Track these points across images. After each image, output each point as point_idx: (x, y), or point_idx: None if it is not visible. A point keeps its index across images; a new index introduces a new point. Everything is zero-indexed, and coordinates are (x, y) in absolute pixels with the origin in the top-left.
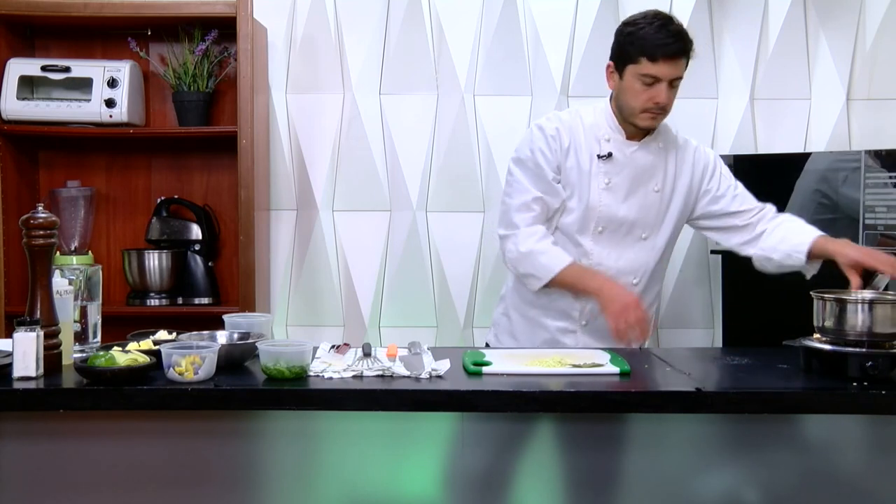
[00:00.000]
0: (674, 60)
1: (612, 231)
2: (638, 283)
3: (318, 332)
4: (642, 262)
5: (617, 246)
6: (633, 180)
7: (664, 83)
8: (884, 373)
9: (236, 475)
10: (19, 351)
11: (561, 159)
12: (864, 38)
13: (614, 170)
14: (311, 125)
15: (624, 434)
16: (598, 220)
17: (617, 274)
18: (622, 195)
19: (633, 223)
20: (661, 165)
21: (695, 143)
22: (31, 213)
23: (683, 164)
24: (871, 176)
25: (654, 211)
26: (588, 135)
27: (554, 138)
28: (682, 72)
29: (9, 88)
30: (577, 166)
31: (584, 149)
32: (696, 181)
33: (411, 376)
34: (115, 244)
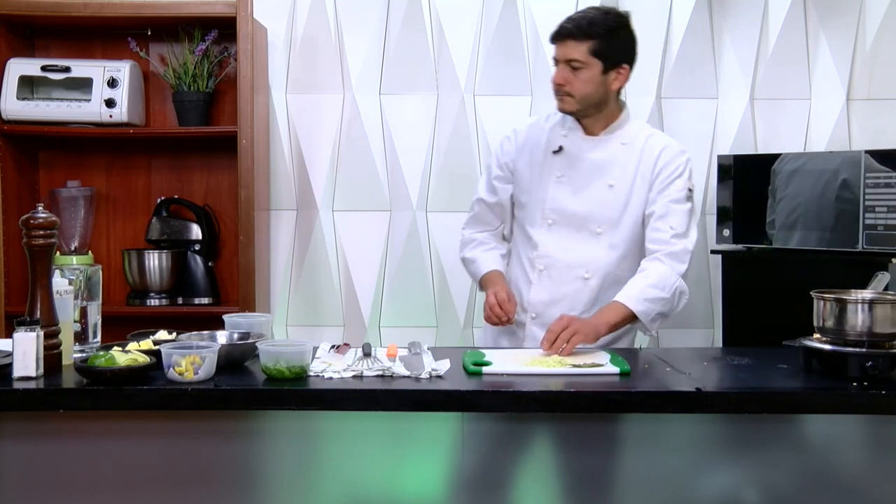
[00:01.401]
0: (560, 42)
1: (563, 224)
2: (590, 277)
3: (318, 332)
4: (594, 258)
5: (568, 239)
6: (586, 174)
7: (561, 64)
8: (884, 373)
9: (236, 475)
10: (19, 351)
11: (514, 157)
12: (864, 38)
13: (567, 164)
14: (311, 125)
15: (624, 434)
16: (549, 212)
17: (565, 266)
18: (574, 189)
19: (585, 217)
20: (619, 161)
21: (671, 146)
22: (31, 213)
23: (646, 161)
24: (871, 176)
25: (609, 207)
26: (550, 132)
27: (509, 139)
28: (575, 54)
29: (9, 88)
30: (531, 162)
31: (540, 145)
32: (652, 181)
33: (411, 376)
34: (115, 244)
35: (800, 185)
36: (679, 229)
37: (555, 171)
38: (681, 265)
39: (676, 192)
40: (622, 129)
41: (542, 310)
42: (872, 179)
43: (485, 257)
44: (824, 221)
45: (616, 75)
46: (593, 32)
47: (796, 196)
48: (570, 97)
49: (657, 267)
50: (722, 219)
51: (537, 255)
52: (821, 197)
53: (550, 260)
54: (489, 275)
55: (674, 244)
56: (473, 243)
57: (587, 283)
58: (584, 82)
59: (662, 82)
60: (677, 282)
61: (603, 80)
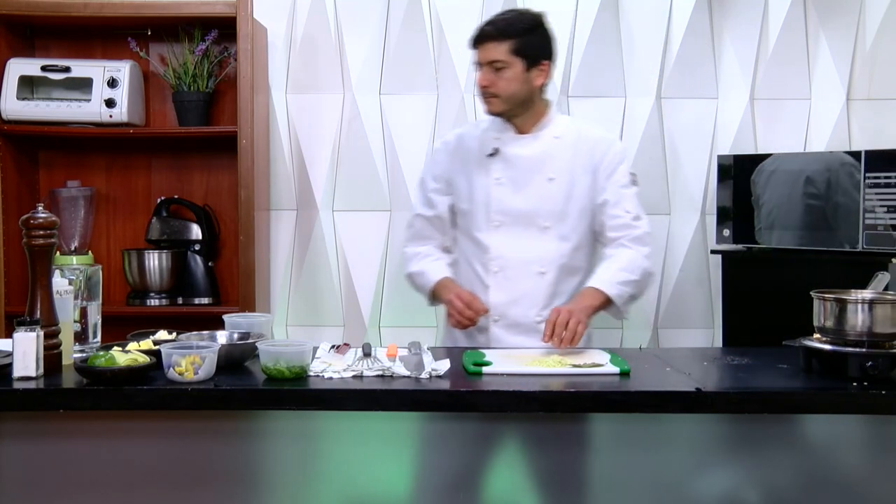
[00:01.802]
0: (481, 45)
1: (509, 224)
2: (545, 271)
3: (318, 332)
4: (547, 252)
5: (517, 237)
6: (524, 172)
7: (483, 67)
8: (884, 373)
9: (236, 475)
10: (19, 351)
11: (448, 167)
12: (864, 38)
13: (503, 165)
14: (311, 125)
15: (624, 434)
16: (494, 215)
17: (520, 264)
18: (514, 188)
19: (530, 214)
20: (555, 155)
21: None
22: (31, 213)
23: (582, 151)
24: (871, 176)
25: (552, 200)
26: (481, 138)
27: (438, 150)
28: (496, 55)
29: (9, 88)
30: (467, 169)
31: (474, 151)
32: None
33: (411, 376)
34: (115, 244)
35: (775, 187)
36: (635, 212)
37: (493, 174)
38: (645, 248)
39: (623, 178)
40: (552, 125)
41: (503, 311)
42: (872, 179)
43: (432, 267)
44: (795, 220)
45: (538, 72)
46: (512, 32)
47: (772, 198)
48: (497, 98)
49: (624, 252)
50: (722, 219)
51: (490, 258)
52: (790, 197)
53: (504, 260)
54: (442, 282)
55: (635, 228)
56: (418, 257)
57: (543, 277)
58: (509, 81)
59: (662, 82)
60: (644, 263)
61: (526, 78)
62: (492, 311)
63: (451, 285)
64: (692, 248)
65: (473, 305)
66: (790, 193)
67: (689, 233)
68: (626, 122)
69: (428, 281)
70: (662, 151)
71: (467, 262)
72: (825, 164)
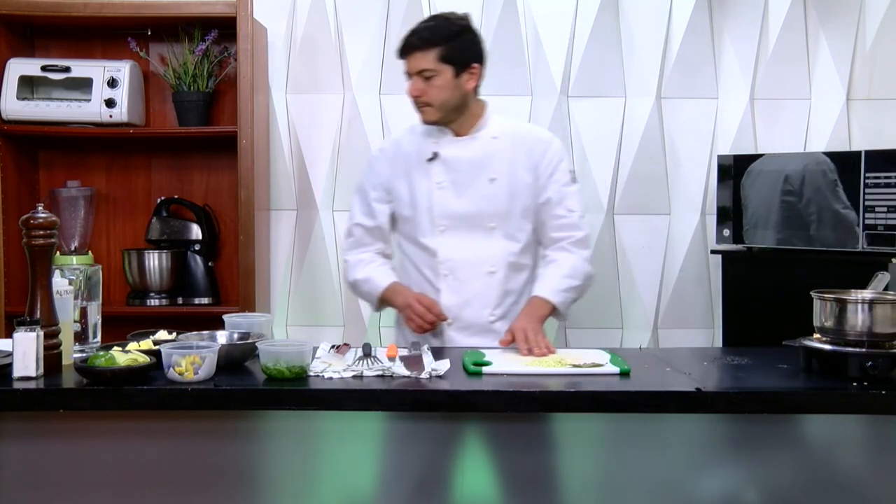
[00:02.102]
0: (408, 56)
1: (454, 227)
2: (495, 271)
3: (318, 332)
4: (494, 251)
5: (464, 240)
6: (465, 174)
7: (413, 77)
8: (884, 373)
9: (236, 475)
10: (19, 351)
11: (388, 176)
12: (864, 38)
13: (444, 169)
14: (311, 125)
15: (624, 434)
16: (439, 219)
17: (469, 265)
18: (457, 191)
19: (474, 216)
20: (494, 155)
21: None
22: (31, 213)
23: (521, 150)
24: (871, 176)
25: (495, 200)
26: (419, 143)
27: (379, 159)
28: (424, 64)
29: (9, 88)
30: (408, 175)
31: (413, 157)
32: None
33: (411, 376)
34: (115, 244)
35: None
36: (577, 209)
37: (434, 179)
38: (586, 251)
39: (563, 176)
40: (489, 126)
41: (456, 313)
42: (872, 179)
43: (378, 273)
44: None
45: (469, 76)
46: (437, 40)
47: (755, 198)
48: (430, 107)
49: (566, 257)
50: (722, 219)
51: (438, 262)
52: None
53: (453, 263)
54: (392, 287)
55: (578, 230)
56: (361, 264)
57: (493, 276)
58: (440, 89)
59: (662, 82)
60: (586, 268)
61: (457, 84)
62: (445, 315)
63: (402, 290)
64: (692, 248)
65: (434, 310)
66: (770, 193)
67: (689, 233)
68: (626, 122)
69: (375, 287)
70: (662, 151)
71: (415, 267)
72: (802, 163)
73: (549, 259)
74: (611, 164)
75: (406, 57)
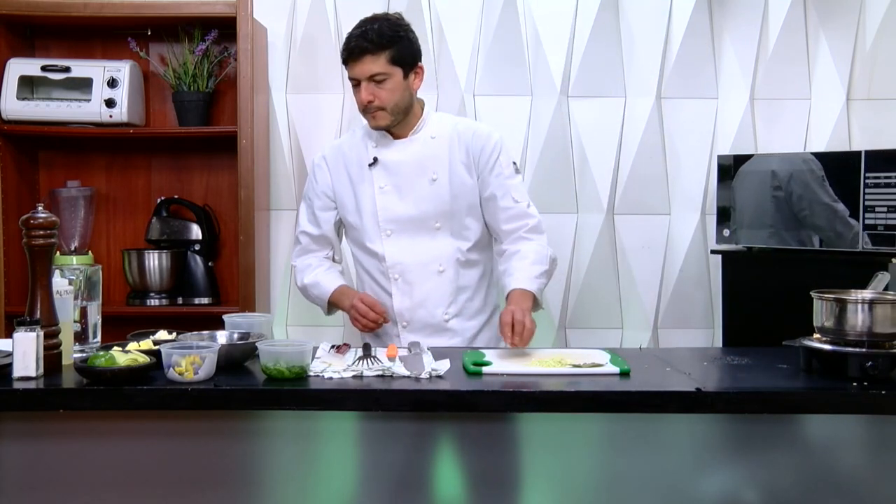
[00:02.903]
0: (356, 61)
1: (400, 231)
2: (444, 269)
3: (318, 332)
4: (442, 250)
5: (411, 241)
6: (406, 177)
7: (363, 82)
8: (884, 373)
9: (236, 475)
10: (19, 351)
11: (330, 183)
12: (864, 38)
13: (385, 173)
14: (311, 125)
15: (624, 434)
16: (384, 223)
17: (418, 266)
18: (399, 195)
19: (419, 218)
20: (434, 154)
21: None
22: (31, 213)
23: (460, 147)
24: (871, 176)
25: (438, 200)
26: (359, 147)
27: (319, 166)
28: (376, 68)
29: (9, 88)
30: (349, 181)
31: (354, 163)
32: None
33: (411, 376)
34: (115, 244)
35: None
36: (524, 200)
37: (377, 183)
38: (543, 235)
39: (505, 169)
40: (427, 125)
41: (410, 316)
42: (872, 179)
43: (326, 277)
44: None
45: (415, 76)
46: (387, 42)
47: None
48: (383, 111)
49: (527, 245)
50: (722, 219)
51: (387, 266)
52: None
53: (402, 266)
54: (340, 290)
55: (530, 217)
56: (308, 269)
57: (443, 275)
58: (391, 92)
59: (662, 82)
60: (548, 251)
61: (406, 85)
62: (399, 317)
63: (348, 291)
64: (692, 248)
65: (376, 308)
66: (760, 192)
67: (689, 233)
68: (626, 122)
69: (324, 291)
70: (662, 151)
71: (366, 272)
72: (790, 162)
73: (510, 252)
74: (611, 164)
75: (356, 61)
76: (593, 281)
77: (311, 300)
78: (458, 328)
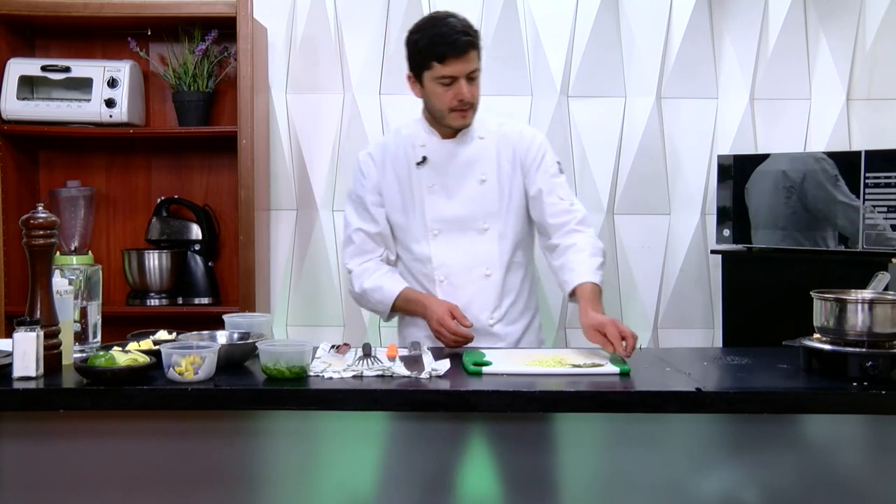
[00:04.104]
0: (462, 57)
1: (447, 231)
2: (491, 273)
3: (318, 332)
4: (489, 253)
5: (457, 243)
6: (456, 177)
7: (462, 80)
8: (884, 373)
9: (236, 475)
10: (19, 351)
11: (378, 179)
12: (864, 38)
13: (433, 172)
14: (311, 125)
15: (624, 434)
16: (431, 223)
17: (464, 270)
18: (448, 194)
19: (467, 219)
20: (482, 155)
21: (525, 130)
22: (31, 213)
23: (506, 148)
24: (871, 176)
25: (487, 201)
26: (406, 146)
27: (365, 163)
28: (475, 65)
29: (9, 88)
30: (397, 180)
31: (402, 161)
32: (522, 164)
33: (411, 376)
34: (115, 244)
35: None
36: (569, 197)
37: (424, 183)
38: (591, 227)
39: (551, 168)
40: (475, 126)
41: None
42: (872, 179)
43: (389, 280)
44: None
45: None
46: (477, 37)
47: (758, 198)
48: (472, 109)
49: (579, 237)
50: (722, 219)
51: (434, 268)
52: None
53: (448, 268)
54: (404, 293)
55: (577, 212)
56: (368, 272)
57: (490, 279)
58: (478, 89)
59: (662, 82)
60: (599, 242)
61: None
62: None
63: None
64: (692, 248)
65: (459, 333)
66: (773, 192)
67: (689, 233)
68: (626, 122)
69: (388, 294)
70: (662, 151)
71: (409, 272)
72: (802, 163)
73: (565, 245)
74: (611, 164)
75: (460, 57)
76: None
77: (370, 306)
78: (502, 333)
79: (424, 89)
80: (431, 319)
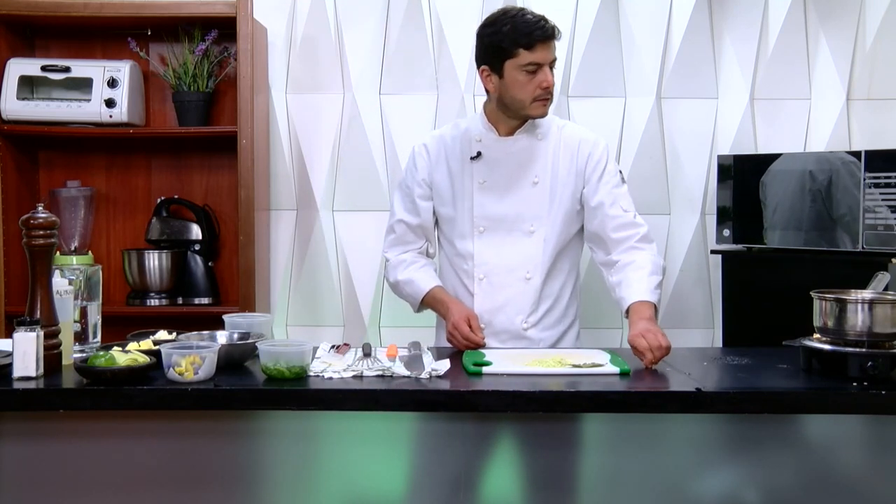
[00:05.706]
0: (548, 43)
1: (494, 229)
2: (531, 276)
3: (318, 332)
4: (532, 256)
5: (502, 243)
6: (509, 176)
7: (546, 67)
8: (884, 373)
9: (236, 475)
10: (19, 351)
11: (430, 171)
12: (864, 38)
13: (487, 168)
14: (311, 125)
15: (624, 434)
16: (479, 220)
17: (505, 270)
18: (499, 192)
19: (515, 219)
20: (538, 156)
21: (586, 136)
22: (31, 213)
23: (565, 153)
24: (871, 176)
25: (537, 204)
26: (462, 140)
27: (420, 154)
28: (556, 51)
29: (9, 88)
30: (449, 173)
31: (457, 155)
32: (581, 172)
33: (411, 376)
34: (115, 244)
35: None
36: (631, 209)
37: (476, 178)
38: (653, 244)
39: (612, 178)
40: (534, 126)
41: (489, 318)
42: (872, 179)
43: (421, 276)
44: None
45: None
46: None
47: (776, 197)
48: (551, 99)
49: (641, 256)
50: (722, 219)
51: (474, 265)
52: (794, 196)
53: (488, 267)
54: (433, 292)
55: (640, 226)
56: (403, 264)
57: (529, 282)
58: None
59: (662, 82)
60: (659, 260)
61: None
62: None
63: (444, 296)
64: (692, 248)
65: (471, 339)
66: (794, 192)
67: (689, 233)
68: (626, 122)
69: (418, 289)
70: (662, 151)
71: (451, 267)
72: (828, 163)
73: (624, 262)
74: None
75: (547, 43)
76: (594, 281)
77: (402, 297)
78: (535, 337)
79: (504, 80)
80: (448, 322)
